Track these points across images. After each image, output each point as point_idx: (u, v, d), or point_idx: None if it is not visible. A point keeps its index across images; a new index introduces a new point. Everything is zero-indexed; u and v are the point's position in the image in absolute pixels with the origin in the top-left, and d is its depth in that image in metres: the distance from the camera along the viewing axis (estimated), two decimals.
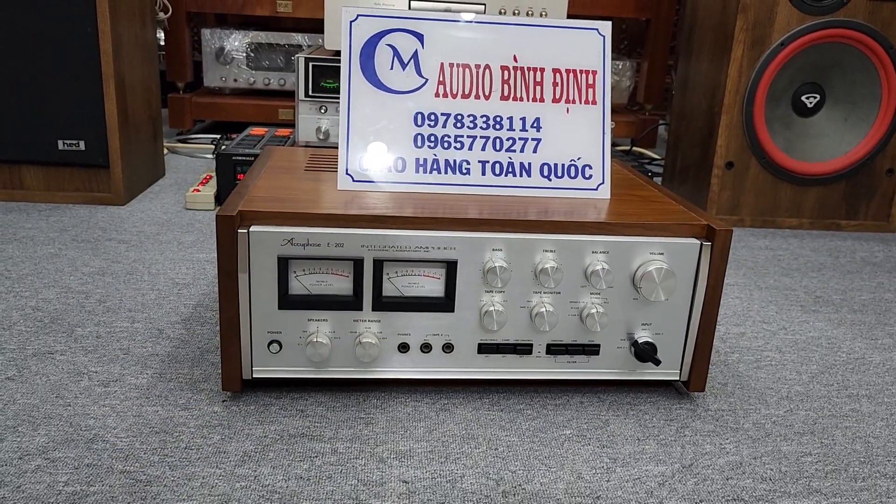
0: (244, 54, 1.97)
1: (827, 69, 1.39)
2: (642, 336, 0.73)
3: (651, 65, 2.10)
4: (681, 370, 0.75)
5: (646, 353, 0.73)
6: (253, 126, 1.63)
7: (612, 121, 1.81)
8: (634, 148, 2.05)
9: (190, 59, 2.01)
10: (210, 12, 2.12)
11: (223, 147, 1.39)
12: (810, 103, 1.41)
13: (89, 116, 1.28)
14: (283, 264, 0.68)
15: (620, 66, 2.09)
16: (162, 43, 2.03)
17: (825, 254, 1.31)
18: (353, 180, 0.77)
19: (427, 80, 0.79)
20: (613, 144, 2.15)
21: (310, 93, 1.32)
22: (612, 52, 2.46)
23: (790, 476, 0.64)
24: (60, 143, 1.29)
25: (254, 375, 0.71)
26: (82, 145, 1.29)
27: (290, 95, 2.04)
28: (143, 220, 1.27)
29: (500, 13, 1.37)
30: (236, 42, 1.96)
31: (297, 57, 1.31)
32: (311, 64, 1.31)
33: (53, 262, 1.05)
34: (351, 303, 0.70)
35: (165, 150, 1.78)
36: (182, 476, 0.60)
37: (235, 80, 1.99)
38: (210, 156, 1.80)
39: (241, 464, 0.62)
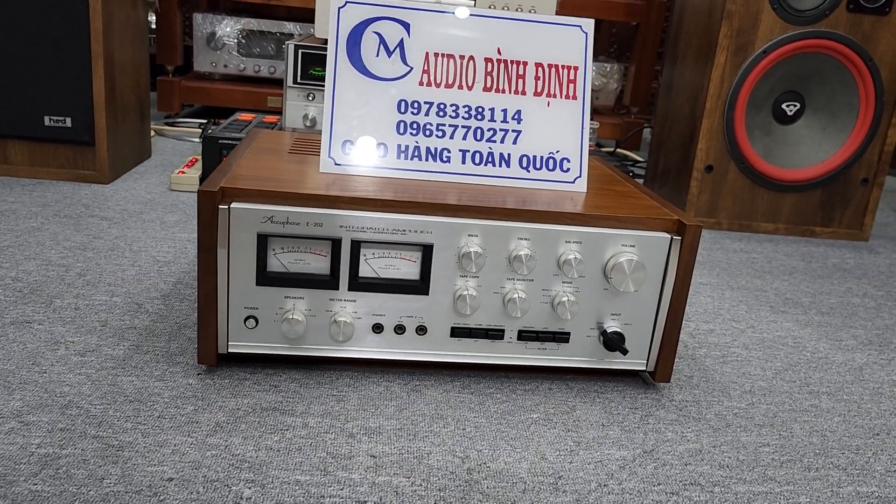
0: (235, 40, 1.98)
1: (808, 78, 1.42)
2: (611, 326, 0.75)
3: (638, 69, 2.13)
4: (648, 360, 0.77)
5: (614, 342, 0.74)
6: (241, 112, 1.64)
7: (597, 122, 1.84)
8: (618, 150, 2.08)
9: (180, 43, 2.01)
10: None
11: (210, 131, 1.40)
12: (790, 111, 1.44)
13: (77, 94, 1.28)
14: (263, 241, 0.69)
15: (608, 69, 2.12)
16: (153, 26, 2.03)
17: (798, 258, 1.34)
18: (336, 164, 0.78)
19: (412, 68, 0.80)
20: (598, 146, 2.17)
21: (298, 80, 1.33)
22: (601, 54, 2.48)
23: (747, 464, 0.67)
24: (47, 118, 1.29)
25: (229, 350, 0.72)
26: (69, 122, 1.29)
27: (279, 83, 2.04)
28: (126, 199, 1.27)
29: (490, 7, 1.38)
30: (228, 28, 1.97)
31: (287, 44, 1.32)
32: (300, 51, 1.32)
33: (35, 236, 1.05)
34: (327, 282, 0.71)
35: (153, 133, 1.78)
36: (154, 443, 0.61)
37: (225, 66, 1.99)
38: (197, 140, 1.81)
39: (212, 433, 0.63)
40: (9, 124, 1.29)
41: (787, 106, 1.44)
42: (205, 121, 1.93)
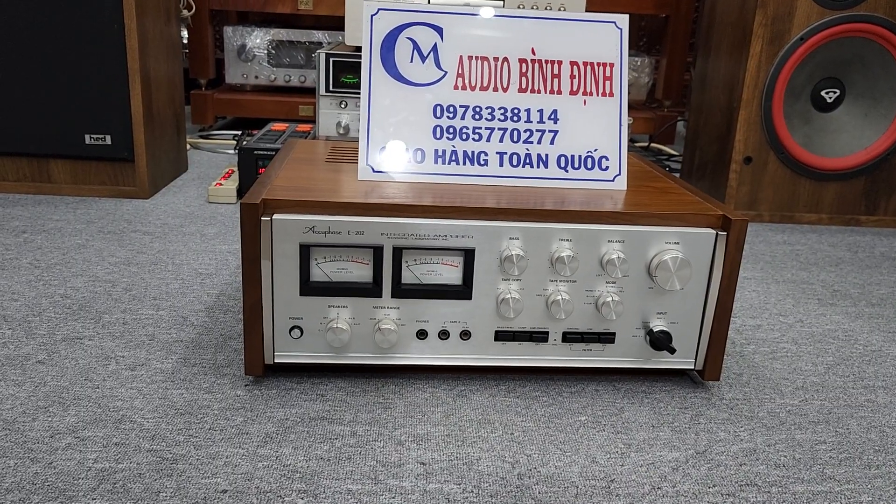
0: (265, 51, 2.00)
1: (847, 64, 1.39)
2: (657, 325, 0.74)
3: (670, 61, 2.10)
4: (696, 359, 0.76)
5: (661, 341, 0.73)
6: (274, 122, 1.65)
7: (630, 117, 1.82)
8: (653, 144, 2.05)
9: (212, 57, 2.04)
10: (232, 10, 2.15)
11: (245, 142, 1.42)
12: (830, 98, 1.41)
13: (116, 111, 1.31)
14: (305, 251, 0.70)
15: (639, 63, 2.09)
16: (185, 40, 2.06)
17: (844, 248, 1.31)
18: (374, 171, 0.78)
19: (446, 72, 0.80)
20: (632, 140, 2.15)
21: (330, 88, 1.34)
22: (631, 48, 2.45)
23: (804, 463, 0.65)
24: (87, 137, 1.31)
25: (275, 360, 0.73)
26: (109, 139, 1.32)
27: (310, 92, 2.06)
28: (166, 213, 1.29)
29: (519, 7, 1.38)
30: (258, 39, 1.99)
31: (318, 53, 1.33)
32: (331, 59, 1.33)
33: (81, 253, 1.07)
34: (370, 290, 0.71)
35: (188, 146, 1.80)
36: (206, 455, 0.62)
37: (257, 77, 2.02)
38: (232, 151, 1.83)
39: (263, 444, 0.64)
40: (51, 144, 1.32)
41: (827, 93, 1.41)
42: (239, 132, 1.96)
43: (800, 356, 0.87)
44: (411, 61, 0.80)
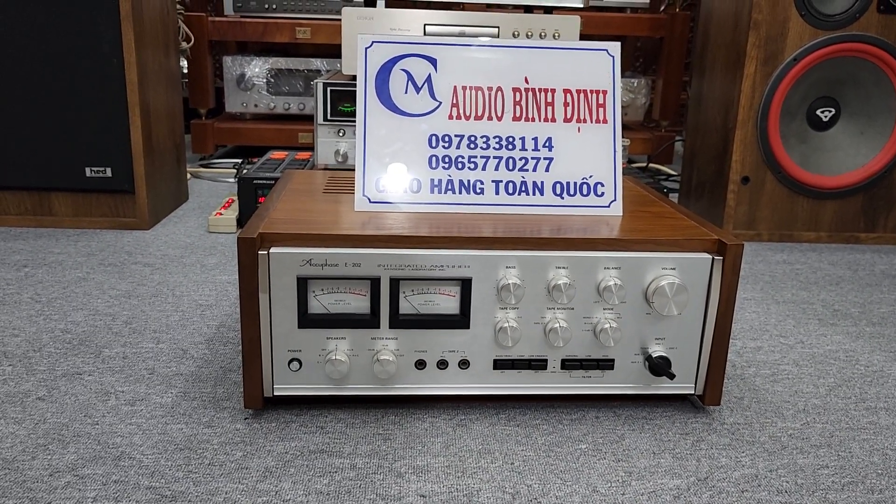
0: (264, 80, 2.02)
1: (841, 83, 1.40)
2: (656, 350, 0.74)
3: (666, 82, 2.11)
4: (696, 384, 0.76)
5: (660, 367, 0.73)
6: (273, 150, 1.67)
7: (627, 138, 1.83)
8: (651, 164, 2.06)
9: (212, 86, 2.06)
10: (231, 40, 2.17)
11: (244, 171, 1.43)
12: (825, 117, 1.42)
13: (116, 144, 1.32)
14: (303, 284, 0.70)
15: (636, 84, 2.11)
16: (185, 71, 2.08)
17: (844, 267, 1.31)
18: (370, 202, 0.79)
19: (441, 102, 0.81)
20: (630, 161, 2.16)
21: (328, 117, 1.35)
22: (628, 70, 2.47)
23: (806, 488, 0.65)
24: (88, 170, 1.33)
25: (275, 393, 0.73)
26: (109, 172, 1.33)
27: (309, 119, 2.08)
28: (167, 244, 1.30)
29: (514, 36, 1.39)
30: (257, 68, 2.01)
31: (316, 82, 1.34)
32: (329, 89, 1.34)
33: (81, 286, 1.08)
34: (368, 321, 0.71)
35: (189, 176, 1.82)
36: (206, 491, 0.61)
37: (256, 106, 2.03)
38: (232, 180, 1.84)
39: (262, 479, 0.63)
40: (52, 177, 1.33)
41: (822, 112, 1.42)
42: (238, 161, 1.97)
43: (801, 378, 0.86)
44: (406, 92, 0.81)
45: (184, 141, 1.58)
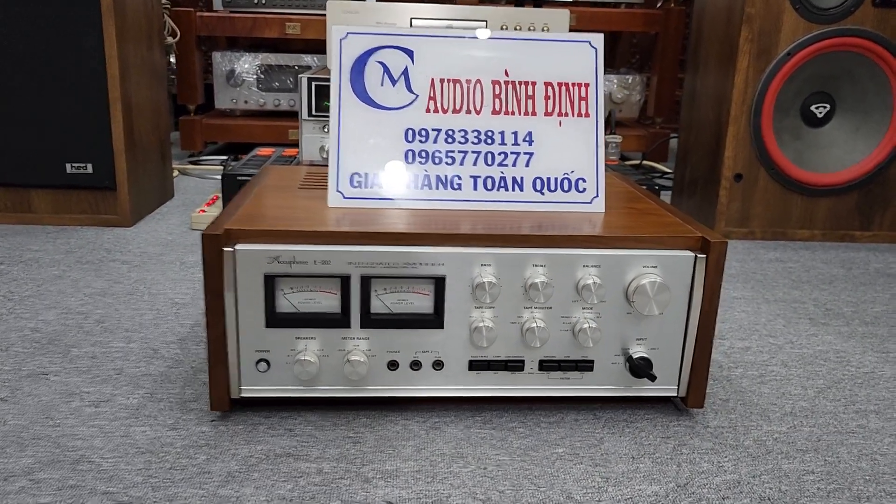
0: (254, 76, 1.99)
1: (836, 78, 1.37)
2: (637, 351, 0.72)
3: (661, 78, 2.09)
4: (678, 386, 0.73)
5: (641, 368, 0.71)
6: (261, 147, 1.64)
7: (619, 136, 1.80)
8: (645, 162, 2.04)
9: (201, 82, 2.03)
10: (221, 35, 2.15)
11: (230, 168, 1.40)
12: (820, 113, 1.39)
13: (97, 140, 1.29)
14: (270, 282, 0.68)
15: (630, 80, 2.08)
16: (173, 66, 2.06)
17: (837, 265, 1.28)
18: (344, 197, 0.77)
19: (417, 95, 0.78)
20: (624, 158, 2.13)
21: (313, 112, 1.32)
22: (623, 66, 2.45)
23: (790, 496, 0.62)
24: (68, 166, 1.30)
25: (242, 395, 0.70)
26: (90, 168, 1.31)
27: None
28: (147, 241, 1.28)
29: (503, 28, 1.37)
30: (246, 64, 1.99)
31: (301, 77, 1.32)
32: (313, 83, 1.32)
33: (56, 284, 1.06)
34: (339, 320, 0.69)
35: (176, 172, 1.79)
36: (163, 497, 0.59)
37: (246, 102, 2.01)
38: (220, 177, 1.81)
39: (224, 484, 0.61)
40: (32, 174, 1.30)
41: (817, 108, 1.39)
42: (225, 157, 1.95)
43: (789, 380, 0.84)
44: (382, 85, 0.78)
45: (169, 137, 1.56)
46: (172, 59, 2.05)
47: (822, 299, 1.11)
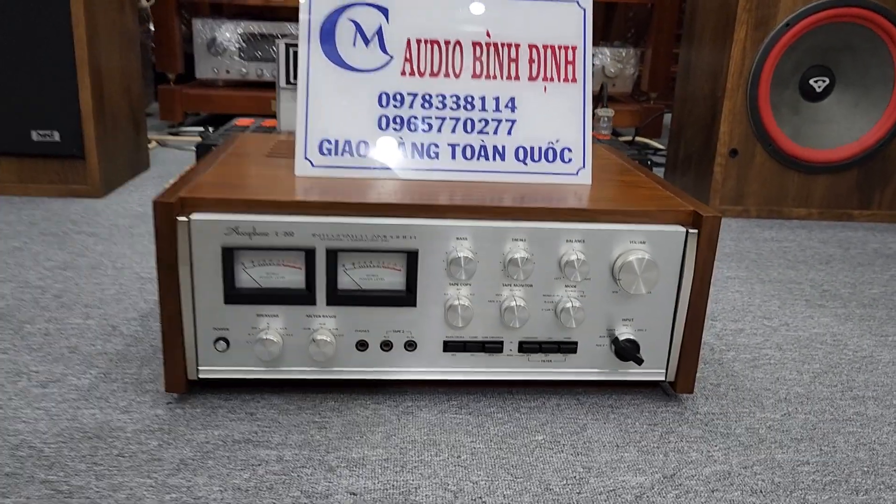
0: (237, 45, 1.92)
1: (836, 51, 1.32)
2: (623, 333, 0.67)
3: (655, 52, 2.03)
4: (667, 370, 0.69)
5: (627, 351, 0.66)
6: (239, 117, 1.58)
7: (611, 109, 1.75)
8: (638, 138, 1.98)
9: (180, 50, 1.96)
10: (202, 1, 2.08)
11: (206, 138, 1.34)
12: (819, 87, 1.34)
13: (64, 106, 1.23)
14: (228, 255, 0.62)
15: (624, 54, 2.02)
16: (152, 33, 1.98)
17: (835, 245, 1.24)
18: (312, 165, 0.71)
19: (392, 57, 0.73)
20: (616, 134, 2.08)
21: (290, 80, 1.26)
22: (617, 40, 2.38)
23: (783, 487, 0.58)
24: (34, 133, 1.24)
25: (200, 376, 0.66)
26: (57, 136, 1.25)
27: None
28: (118, 213, 1.22)
29: None
30: (228, 33, 1.92)
31: (278, 42, 1.25)
32: (291, 49, 1.25)
33: (15, 257, 1.00)
34: (304, 297, 0.64)
35: (154, 143, 1.73)
36: (108, 486, 0.55)
37: (228, 72, 1.94)
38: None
39: (175, 472, 0.56)
40: None
41: (816, 82, 1.34)
42: (202, 129, 1.88)
43: (784, 364, 0.80)
44: (354, 45, 0.73)
45: (143, 105, 1.50)
46: (152, 26, 1.97)
47: (819, 280, 1.07)
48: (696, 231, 0.65)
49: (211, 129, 1.78)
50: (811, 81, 1.34)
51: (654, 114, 1.99)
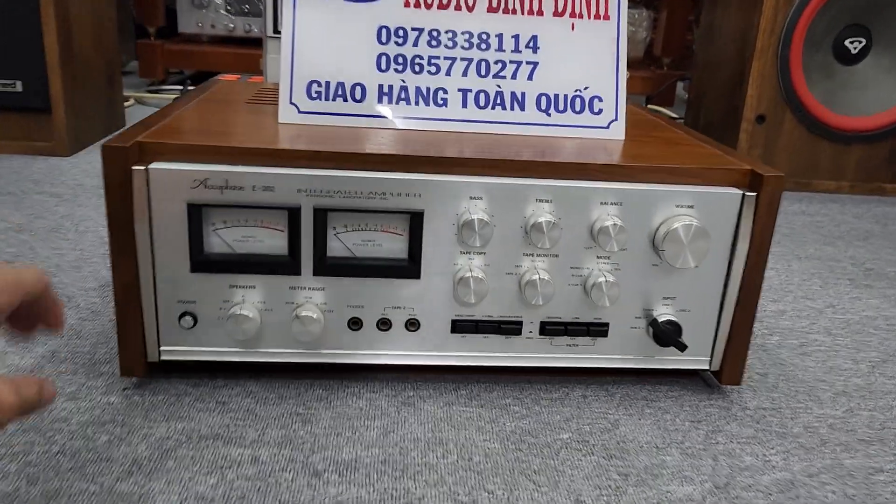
0: None
1: (874, 10, 1.21)
2: (663, 313, 0.57)
3: (670, 14, 1.91)
4: (711, 357, 0.59)
5: (668, 335, 0.56)
6: (224, 74, 1.46)
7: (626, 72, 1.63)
8: (649, 106, 1.87)
9: (162, 2, 1.83)
10: None
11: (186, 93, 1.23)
12: (854, 49, 1.23)
13: (26, 53, 1.11)
14: (196, 213, 0.52)
15: (636, 16, 1.90)
16: None
17: (870, 220, 1.14)
18: (299, 111, 0.60)
19: None
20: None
21: (278, 28, 1.15)
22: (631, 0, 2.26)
23: (859, 501, 0.48)
24: None
25: (162, 357, 0.55)
26: (18, 86, 1.13)
27: None
28: (85, 173, 1.11)
29: None
30: None
31: None
32: None
33: None
34: (286, 265, 0.54)
35: (132, 101, 1.61)
36: (40, 494, 0.44)
37: (213, 27, 1.82)
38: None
39: (125, 476, 0.46)
40: None
41: (851, 43, 1.23)
42: (181, 87, 1.76)
43: (836, 351, 0.70)
44: None
45: (119, 58, 1.38)
46: None
47: (860, 258, 0.97)
48: (754, 194, 0.55)
49: (192, 87, 1.66)
50: (846, 42, 1.23)
51: (667, 80, 1.88)
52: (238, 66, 1.79)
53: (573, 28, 0.63)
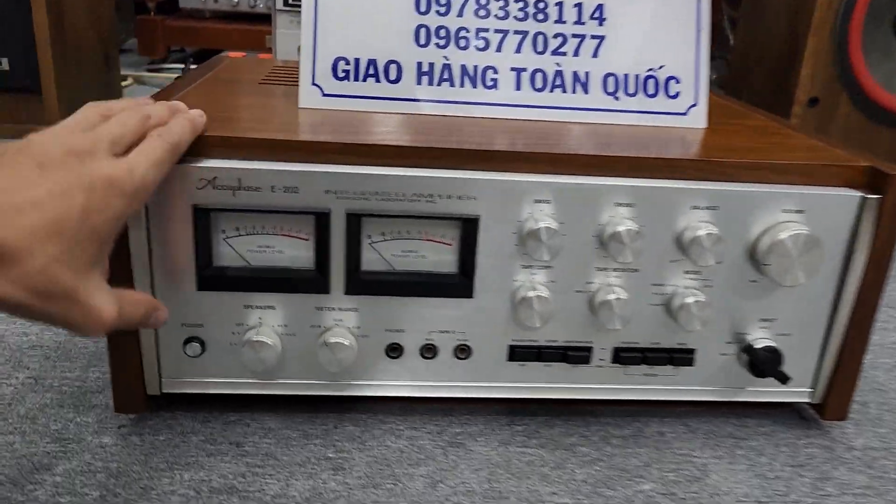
0: None
1: None
2: (760, 338, 0.48)
3: None
4: (815, 389, 0.50)
5: (767, 364, 0.47)
6: (230, 51, 1.37)
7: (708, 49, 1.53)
8: None
9: None
10: None
11: (189, 72, 1.13)
12: None
13: (13, 29, 1.02)
14: (204, 219, 0.43)
15: None
16: None
17: None
18: (323, 94, 0.51)
19: None
20: None
21: (289, 2, 1.05)
22: None
23: None
24: None
25: (164, 390, 0.46)
26: (6, 64, 1.03)
27: None
28: None
29: None
30: None
31: None
32: None
33: None
34: (312, 281, 0.44)
35: (130, 80, 1.51)
36: None
37: (216, 1, 1.71)
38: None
39: None
40: None
41: None
42: (183, 66, 1.66)
43: None
44: None
45: (115, 36, 1.28)
46: None
47: None
48: (876, 197, 0.45)
49: (194, 65, 1.56)
50: None
51: None
52: (244, 43, 1.69)
53: None
